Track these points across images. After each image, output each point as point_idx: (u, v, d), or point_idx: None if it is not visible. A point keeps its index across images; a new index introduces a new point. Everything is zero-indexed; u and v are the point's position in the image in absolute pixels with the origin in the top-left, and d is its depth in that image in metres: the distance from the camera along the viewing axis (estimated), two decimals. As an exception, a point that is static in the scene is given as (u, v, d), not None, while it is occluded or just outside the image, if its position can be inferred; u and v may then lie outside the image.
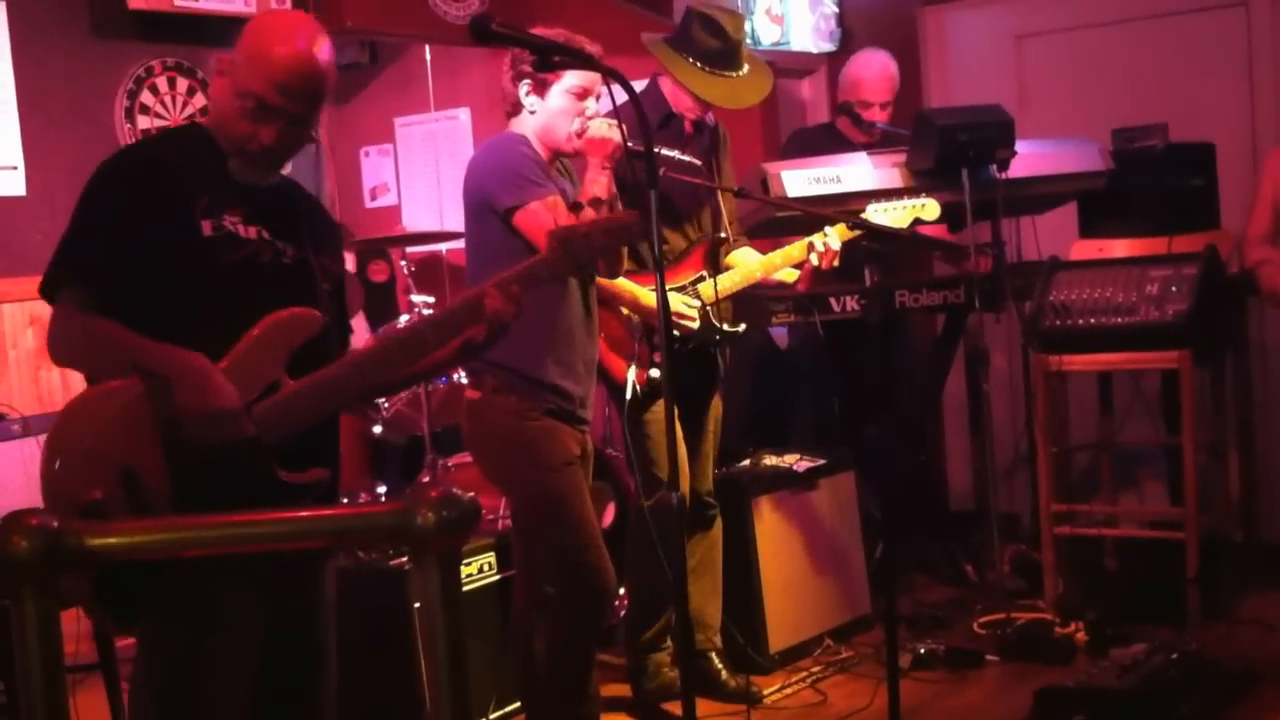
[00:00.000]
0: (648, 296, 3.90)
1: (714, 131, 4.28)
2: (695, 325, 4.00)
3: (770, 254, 4.15)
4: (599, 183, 3.40)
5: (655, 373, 3.98)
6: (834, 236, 4.06)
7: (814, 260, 4.06)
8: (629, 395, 3.89)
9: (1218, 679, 3.82)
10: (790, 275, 4.21)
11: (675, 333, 3.99)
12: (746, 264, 4.14)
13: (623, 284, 3.91)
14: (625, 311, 3.96)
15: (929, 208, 4.25)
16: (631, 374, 3.91)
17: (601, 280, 3.78)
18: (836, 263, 4.07)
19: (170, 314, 2.42)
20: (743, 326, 4.18)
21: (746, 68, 4.10)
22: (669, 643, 4.13)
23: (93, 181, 2.47)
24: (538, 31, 3.26)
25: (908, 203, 4.24)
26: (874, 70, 5.28)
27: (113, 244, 2.41)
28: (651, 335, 3.98)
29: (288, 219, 2.58)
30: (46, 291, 2.45)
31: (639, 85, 3.57)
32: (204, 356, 2.39)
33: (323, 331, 2.52)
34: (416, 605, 3.67)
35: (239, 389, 2.40)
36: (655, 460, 3.97)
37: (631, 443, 3.98)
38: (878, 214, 4.18)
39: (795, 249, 4.10)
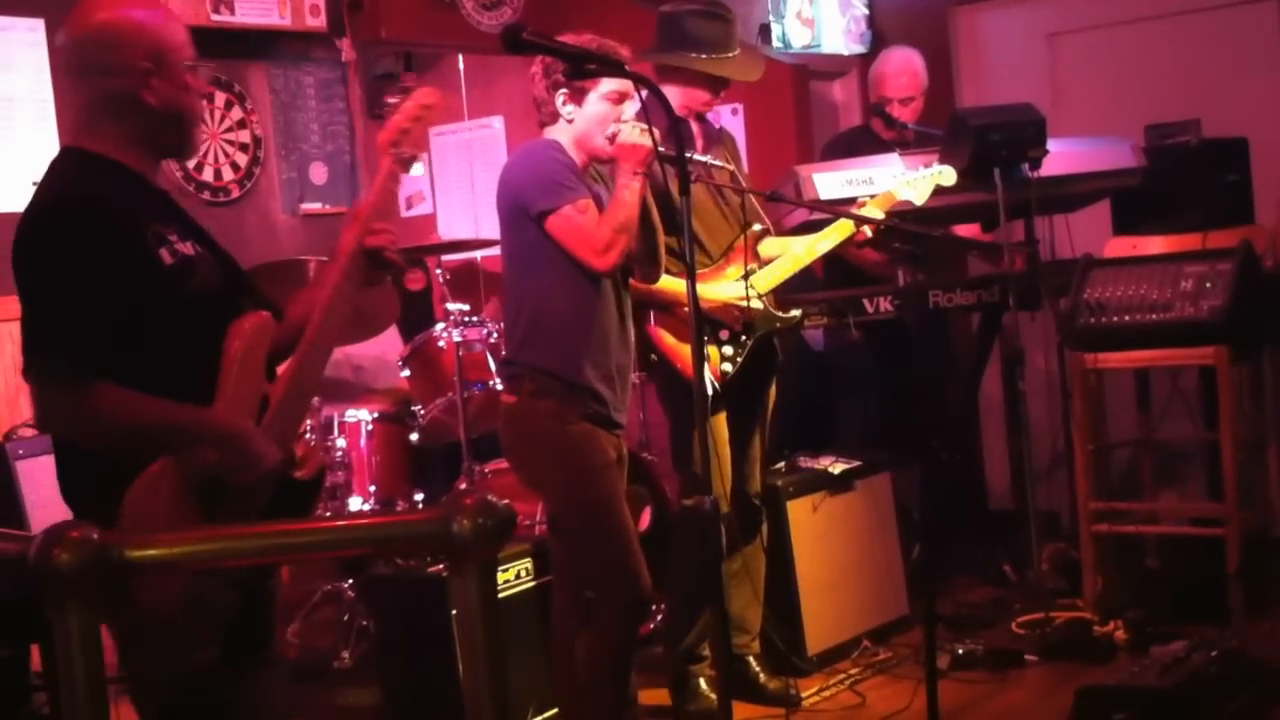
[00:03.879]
0: (710, 294, 3.93)
1: (721, 133, 4.28)
2: (760, 306, 4.00)
3: (812, 237, 4.15)
4: (631, 188, 3.40)
5: (728, 367, 4.01)
6: (873, 209, 4.11)
7: (868, 232, 4.08)
8: (711, 392, 3.89)
9: (1261, 677, 3.77)
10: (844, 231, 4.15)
11: (738, 324, 4.02)
12: (792, 250, 4.14)
13: (678, 285, 3.90)
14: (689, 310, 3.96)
15: (945, 174, 4.28)
16: (708, 371, 3.91)
17: (657, 286, 3.78)
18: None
19: (154, 355, 2.33)
20: (800, 312, 4.18)
21: (739, 49, 4.13)
22: (708, 652, 4.07)
23: (41, 244, 2.31)
24: (568, 39, 3.27)
25: (926, 173, 4.28)
26: (894, 65, 5.29)
27: (95, 304, 2.28)
28: (717, 332, 4.01)
29: (186, 220, 2.51)
30: (38, 370, 2.28)
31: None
32: (236, 416, 2.35)
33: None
34: (454, 612, 3.68)
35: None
36: (698, 462, 3.96)
37: (680, 442, 4.01)
38: (904, 188, 4.22)
39: (837, 228, 4.10)
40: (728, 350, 4.04)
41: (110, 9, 2.39)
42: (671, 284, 3.86)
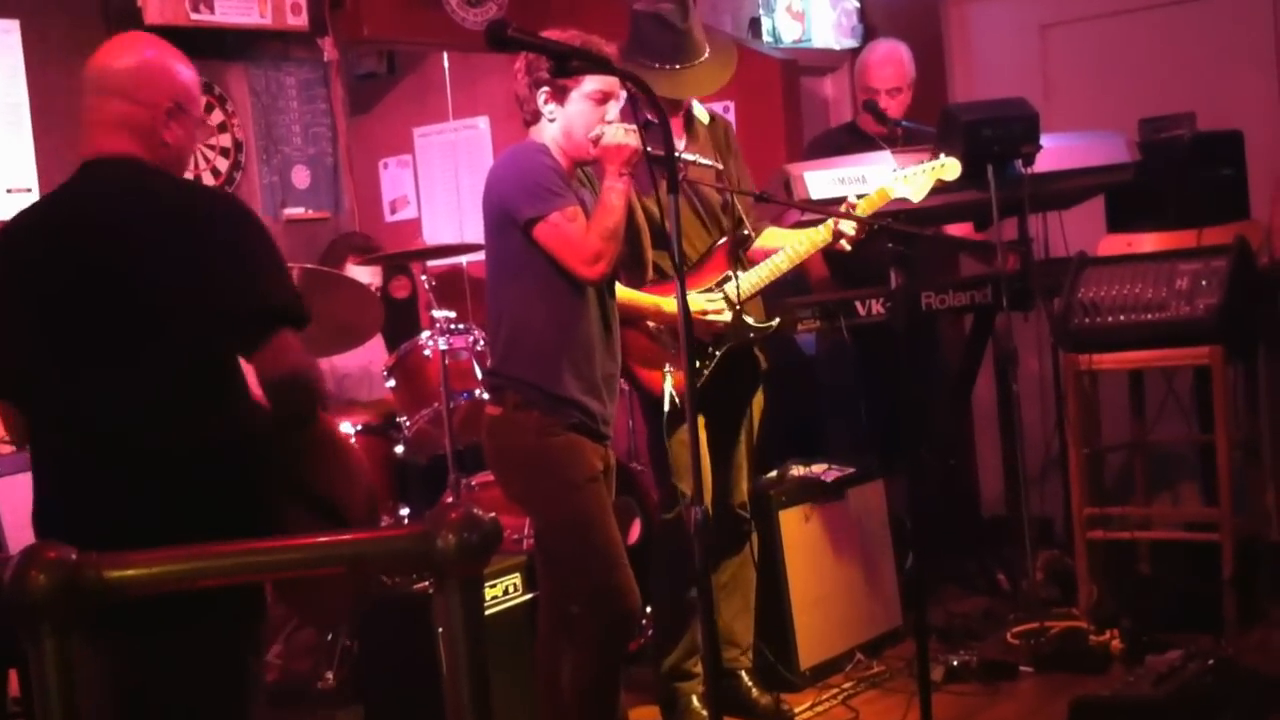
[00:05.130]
0: (670, 304, 3.88)
1: (713, 126, 4.26)
2: (726, 319, 3.98)
3: (793, 243, 4.11)
4: (616, 190, 3.41)
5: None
6: (864, 210, 4.06)
7: (845, 245, 4.05)
8: (667, 407, 3.87)
9: (1255, 686, 3.79)
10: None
11: (707, 335, 3.99)
12: (773, 258, 4.11)
13: (641, 297, 3.91)
14: (651, 324, 3.96)
15: (949, 167, 4.24)
16: (669, 385, 3.90)
17: (621, 297, 3.78)
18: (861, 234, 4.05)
19: None
20: (776, 322, 4.15)
21: (707, 53, 4.07)
22: (698, 667, 4.06)
23: (253, 223, 2.58)
24: (552, 35, 3.26)
25: (926, 166, 4.23)
26: (879, 54, 5.29)
27: None
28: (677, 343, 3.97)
29: None
30: (298, 320, 2.53)
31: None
32: None
33: None
34: (440, 630, 3.67)
35: None
36: (679, 474, 3.97)
37: (658, 456, 4.01)
38: (900, 184, 4.18)
39: (819, 234, 4.06)
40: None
41: (151, 50, 2.63)
42: (632, 297, 3.85)
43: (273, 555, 1.81)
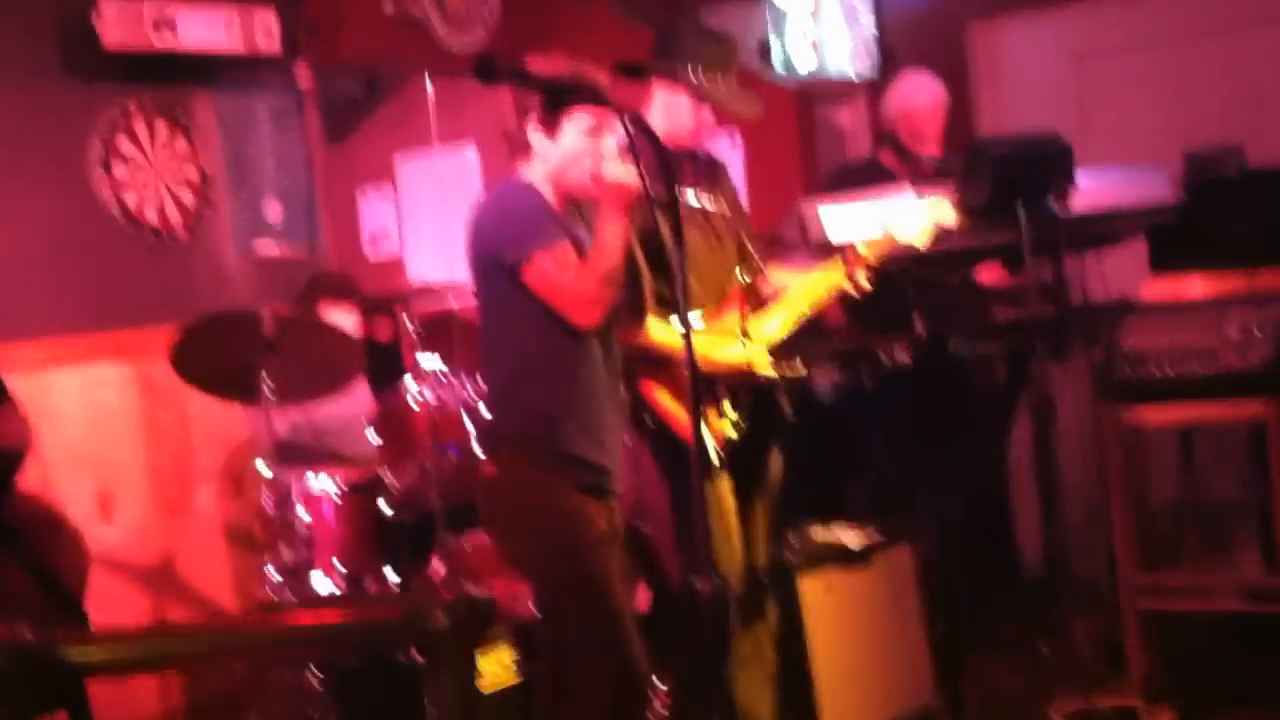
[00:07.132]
0: (718, 355, 3.88)
1: (714, 166, 4.25)
2: (773, 373, 3.97)
3: (811, 284, 4.12)
4: (613, 230, 3.38)
5: (731, 430, 3.96)
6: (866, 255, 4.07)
7: (853, 291, 4.05)
8: (714, 460, 3.88)
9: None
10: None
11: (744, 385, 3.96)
12: (793, 301, 4.10)
13: (678, 340, 3.86)
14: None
15: (941, 211, 4.25)
16: (709, 438, 3.88)
17: (657, 340, 3.74)
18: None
19: None
20: (804, 371, 4.13)
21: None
22: None
23: None
24: (544, 65, 3.26)
25: (922, 210, 4.22)
26: (925, 97, 5.28)
27: None
28: (714, 390, 3.94)
29: None
30: None
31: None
32: None
33: None
34: (430, 707, 3.63)
35: None
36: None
37: (682, 514, 3.96)
38: (902, 230, 4.18)
39: (834, 275, 4.08)
40: (729, 410, 3.98)
41: None
42: (671, 339, 3.81)
43: (255, 635, 1.77)
